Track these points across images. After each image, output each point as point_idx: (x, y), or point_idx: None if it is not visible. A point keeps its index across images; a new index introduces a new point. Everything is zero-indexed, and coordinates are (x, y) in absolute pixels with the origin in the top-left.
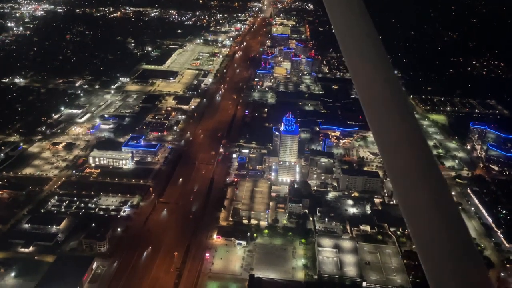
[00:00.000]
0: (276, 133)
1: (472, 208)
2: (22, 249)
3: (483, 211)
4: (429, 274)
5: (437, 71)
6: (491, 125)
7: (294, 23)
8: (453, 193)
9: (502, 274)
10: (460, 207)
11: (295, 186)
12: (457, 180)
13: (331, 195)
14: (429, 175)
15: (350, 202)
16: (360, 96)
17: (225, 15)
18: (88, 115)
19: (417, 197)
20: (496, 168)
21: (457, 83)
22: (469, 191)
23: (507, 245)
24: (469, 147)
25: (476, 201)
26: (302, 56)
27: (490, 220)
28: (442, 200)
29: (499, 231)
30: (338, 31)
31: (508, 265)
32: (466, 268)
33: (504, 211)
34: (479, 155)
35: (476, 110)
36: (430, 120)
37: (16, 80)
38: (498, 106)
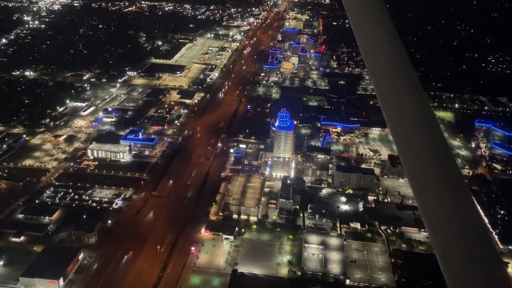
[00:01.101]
0: (273, 128)
1: None
2: (14, 239)
3: (480, 211)
4: (447, 274)
5: (449, 67)
6: (496, 123)
7: (308, 17)
8: None
9: None
10: None
11: (288, 182)
12: None
13: (325, 191)
14: (446, 171)
15: (343, 199)
16: (377, 88)
17: (239, 9)
18: (92, 108)
19: (434, 194)
20: (499, 167)
21: (469, 80)
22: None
23: (500, 246)
24: (473, 145)
25: (474, 201)
26: (310, 51)
27: (486, 220)
28: (459, 196)
29: (494, 232)
30: (354, 24)
31: None
32: (485, 269)
33: (502, 212)
34: (483, 154)
35: (486, 107)
36: (436, 117)
37: (26, 73)
38: (509, 104)
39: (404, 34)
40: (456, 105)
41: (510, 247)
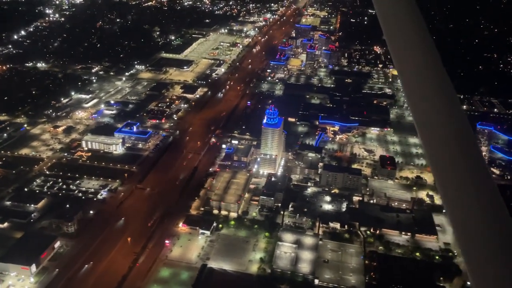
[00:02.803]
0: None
1: None
2: None
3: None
4: (471, 273)
5: (465, 67)
6: (498, 126)
7: (327, 14)
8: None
9: (468, 283)
10: (444, 211)
11: (273, 179)
12: None
13: (310, 190)
14: (476, 172)
15: (327, 198)
16: (404, 86)
17: (258, 5)
18: (95, 101)
19: (461, 193)
20: (498, 172)
21: (483, 81)
22: None
23: None
24: None
25: None
26: (318, 48)
27: None
28: (486, 194)
29: None
30: (384, 21)
31: None
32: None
33: None
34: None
35: (496, 109)
36: None
37: (38, 65)
38: None
39: None
40: (464, 106)
41: None
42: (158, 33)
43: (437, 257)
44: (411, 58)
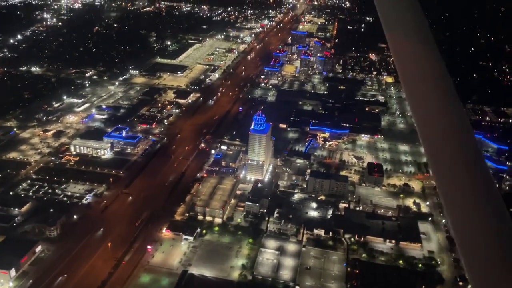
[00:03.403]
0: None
1: (443, 221)
2: None
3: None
4: (470, 273)
5: (459, 75)
6: (488, 135)
7: (324, 21)
8: (427, 203)
9: None
10: (430, 219)
11: (259, 185)
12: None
13: (297, 196)
14: (475, 170)
15: (313, 205)
16: (405, 86)
17: (256, 11)
18: (86, 105)
19: (460, 191)
20: None
21: (476, 89)
22: None
23: None
24: None
25: None
26: (313, 54)
27: None
28: (486, 195)
29: None
30: (385, 22)
31: (460, 283)
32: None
33: None
34: None
35: (488, 118)
36: None
37: (32, 69)
38: None
39: None
40: None
41: None
42: (154, 38)
43: (420, 265)
44: (413, 59)
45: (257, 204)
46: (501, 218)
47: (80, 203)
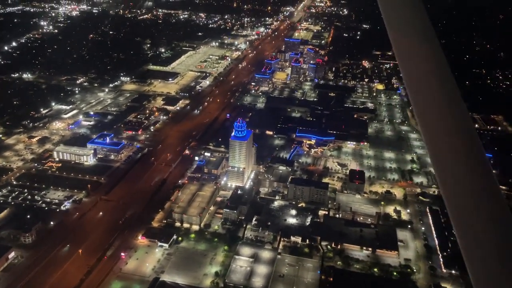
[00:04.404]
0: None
1: (423, 228)
2: None
3: (433, 232)
4: (473, 276)
5: None
6: None
7: (320, 28)
8: (408, 211)
9: None
10: (409, 226)
11: (239, 192)
12: (420, 197)
13: (277, 203)
14: (478, 171)
15: (293, 212)
16: (408, 87)
17: (253, 19)
18: (74, 112)
19: (463, 192)
20: None
21: (467, 96)
22: (427, 210)
23: (443, 269)
24: None
25: (430, 221)
26: (306, 62)
27: (436, 242)
28: (489, 196)
29: (441, 255)
30: (389, 24)
31: None
32: None
33: None
34: None
35: (476, 125)
36: (420, 133)
37: (24, 76)
38: (503, 123)
39: None
40: None
41: (453, 271)
42: (148, 45)
43: (395, 273)
44: (417, 60)
45: (235, 211)
46: (504, 218)
47: (58, 210)
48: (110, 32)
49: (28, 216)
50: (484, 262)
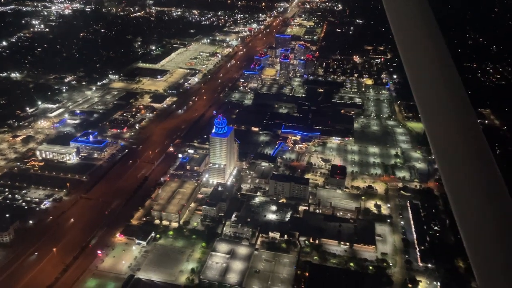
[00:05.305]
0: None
1: (402, 222)
2: None
3: (412, 226)
4: (476, 270)
5: None
6: None
7: (313, 24)
8: (388, 205)
9: None
10: (388, 221)
11: (219, 188)
12: (401, 192)
13: (258, 200)
14: (483, 168)
15: (273, 208)
16: (412, 82)
17: (246, 15)
18: (60, 110)
19: (468, 189)
20: None
21: None
22: (408, 204)
23: (420, 263)
24: (434, 158)
25: (410, 215)
26: (296, 57)
27: (415, 236)
28: (495, 194)
29: (418, 249)
30: (394, 25)
31: (409, 285)
32: None
33: (436, 228)
34: None
35: None
36: (405, 128)
37: (13, 75)
38: (490, 116)
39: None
40: None
41: (429, 265)
42: (139, 43)
43: (371, 268)
44: (422, 57)
45: (214, 208)
46: (510, 217)
47: (38, 209)
48: (102, 30)
49: (7, 215)
50: (489, 262)
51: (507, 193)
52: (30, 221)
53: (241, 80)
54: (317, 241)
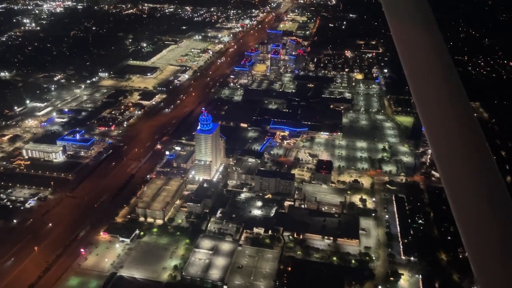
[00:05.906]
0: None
1: (387, 216)
2: None
3: (397, 220)
4: (476, 269)
5: None
6: None
7: (306, 19)
8: (373, 199)
9: (379, 287)
10: (373, 215)
11: (205, 185)
12: (387, 186)
13: (243, 196)
14: (482, 166)
15: (258, 203)
16: (409, 77)
17: (239, 11)
18: (49, 109)
19: (467, 188)
20: (438, 175)
21: None
22: (393, 198)
23: (402, 256)
24: (420, 152)
25: (395, 209)
26: (287, 53)
27: (398, 229)
28: (493, 192)
29: (401, 242)
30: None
31: (391, 278)
32: None
33: (420, 221)
34: (427, 161)
35: None
36: (394, 122)
37: (2, 74)
38: (479, 109)
39: (388, 37)
40: None
41: (412, 258)
42: (130, 40)
43: (353, 262)
44: (418, 49)
45: (199, 205)
46: (509, 216)
47: (22, 208)
48: (93, 28)
49: None
50: (487, 259)
51: (507, 193)
52: (14, 220)
53: (232, 76)
54: (301, 236)
